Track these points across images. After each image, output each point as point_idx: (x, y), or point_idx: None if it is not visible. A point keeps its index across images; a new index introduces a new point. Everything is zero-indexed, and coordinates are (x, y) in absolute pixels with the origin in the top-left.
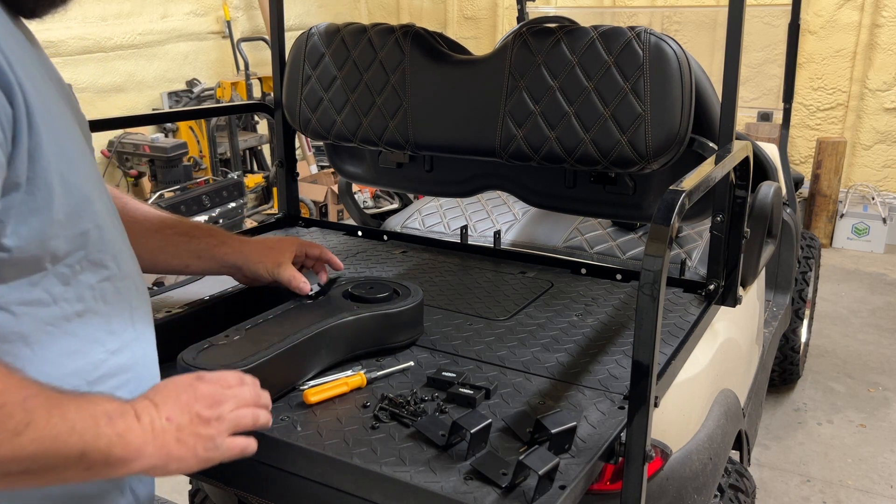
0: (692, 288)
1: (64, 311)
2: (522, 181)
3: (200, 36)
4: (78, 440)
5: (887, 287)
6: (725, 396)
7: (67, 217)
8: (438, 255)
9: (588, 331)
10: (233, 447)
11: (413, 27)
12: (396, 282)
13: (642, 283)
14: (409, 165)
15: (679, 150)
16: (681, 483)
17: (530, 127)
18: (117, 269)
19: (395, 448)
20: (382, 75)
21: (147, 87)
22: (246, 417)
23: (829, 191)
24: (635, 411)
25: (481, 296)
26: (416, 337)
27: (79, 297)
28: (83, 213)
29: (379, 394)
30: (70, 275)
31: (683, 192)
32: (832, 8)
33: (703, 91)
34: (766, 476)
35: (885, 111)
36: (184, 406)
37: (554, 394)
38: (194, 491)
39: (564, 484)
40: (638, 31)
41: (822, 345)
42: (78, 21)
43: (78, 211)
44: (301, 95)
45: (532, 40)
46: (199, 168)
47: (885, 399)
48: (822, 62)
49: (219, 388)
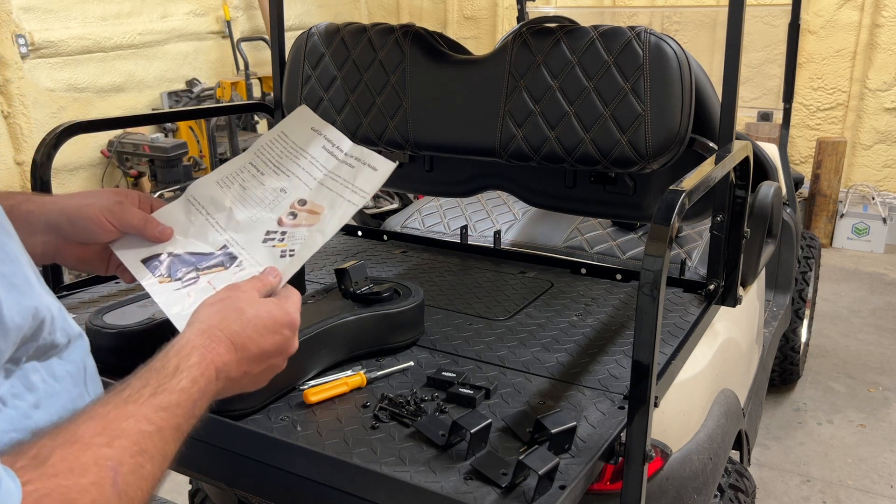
0: (692, 288)
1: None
2: (522, 181)
3: (200, 36)
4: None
5: (887, 287)
6: (725, 396)
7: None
8: (438, 255)
9: (588, 331)
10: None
11: (413, 27)
12: (397, 282)
13: (642, 283)
14: (409, 165)
15: (679, 150)
16: (681, 483)
17: (530, 127)
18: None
19: (395, 448)
20: (382, 75)
21: (147, 87)
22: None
23: (829, 191)
24: (635, 411)
25: (481, 296)
26: (416, 337)
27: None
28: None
29: (379, 394)
30: (13, 368)
31: (683, 192)
32: (832, 8)
33: (703, 91)
34: (766, 476)
35: (885, 111)
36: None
37: (554, 394)
38: (194, 491)
39: (564, 484)
40: (638, 30)
41: (823, 345)
42: (78, 21)
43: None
44: (301, 95)
45: (532, 40)
46: (199, 168)
47: (885, 399)
48: (822, 62)
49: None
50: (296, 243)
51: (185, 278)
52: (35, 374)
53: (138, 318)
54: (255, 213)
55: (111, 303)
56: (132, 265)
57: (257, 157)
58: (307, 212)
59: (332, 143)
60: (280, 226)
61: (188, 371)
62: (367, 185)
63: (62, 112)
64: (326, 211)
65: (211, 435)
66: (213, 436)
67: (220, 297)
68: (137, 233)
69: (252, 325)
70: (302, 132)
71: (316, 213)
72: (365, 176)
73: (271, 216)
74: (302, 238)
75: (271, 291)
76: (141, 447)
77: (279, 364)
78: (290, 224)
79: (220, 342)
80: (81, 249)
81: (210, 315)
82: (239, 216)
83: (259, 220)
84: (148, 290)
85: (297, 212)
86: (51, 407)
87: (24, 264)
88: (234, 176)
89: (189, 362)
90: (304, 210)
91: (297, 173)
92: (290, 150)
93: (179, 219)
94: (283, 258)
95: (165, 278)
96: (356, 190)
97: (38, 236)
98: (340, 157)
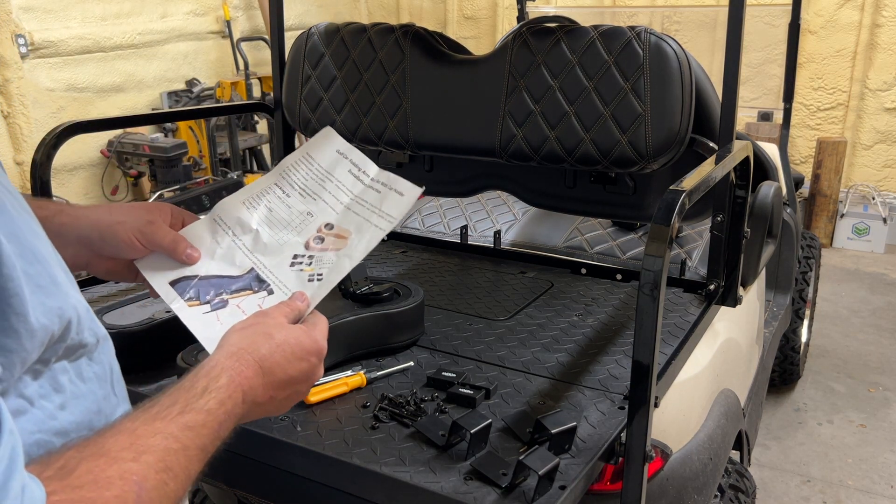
0: (692, 288)
1: (45, 411)
2: (522, 181)
3: (200, 36)
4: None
5: (888, 287)
6: (725, 396)
7: (46, 318)
8: (438, 255)
9: (588, 331)
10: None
11: (413, 27)
12: (397, 282)
13: (642, 283)
14: (409, 165)
15: (679, 149)
16: (681, 483)
17: (530, 127)
18: (95, 338)
19: (395, 448)
20: (382, 75)
21: (147, 87)
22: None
23: (829, 191)
24: (635, 411)
25: (481, 296)
26: (416, 337)
27: (56, 388)
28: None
29: (379, 394)
30: (42, 368)
31: (683, 192)
32: (832, 8)
33: (704, 91)
34: (766, 476)
35: (885, 111)
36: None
37: (554, 394)
38: (194, 491)
39: (564, 484)
40: (638, 30)
41: (823, 345)
42: (78, 21)
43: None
44: (301, 95)
45: (532, 40)
46: (198, 168)
47: (885, 399)
48: (822, 62)
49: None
50: (323, 268)
51: (213, 301)
52: (64, 374)
53: (138, 319)
54: (281, 236)
55: (111, 303)
56: (160, 287)
57: (283, 179)
58: (334, 236)
59: (357, 167)
60: (307, 249)
61: (216, 392)
62: (393, 210)
63: (62, 112)
64: (353, 235)
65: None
66: None
67: (250, 323)
68: (167, 253)
69: (280, 350)
70: (327, 155)
71: (343, 237)
72: (392, 201)
73: (298, 240)
74: (329, 263)
75: (299, 317)
76: (166, 464)
77: (303, 391)
78: (318, 248)
79: (248, 366)
80: (112, 263)
81: (240, 339)
82: (265, 239)
83: (286, 244)
84: (177, 314)
85: (325, 236)
86: (76, 408)
87: (53, 264)
88: (260, 197)
89: (218, 384)
90: (332, 234)
91: (323, 197)
92: (316, 174)
93: (206, 239)
94: (311, 282)
95: (194, 301)
96: (383, 215)
97: (69, 248)
98: (367, 182)
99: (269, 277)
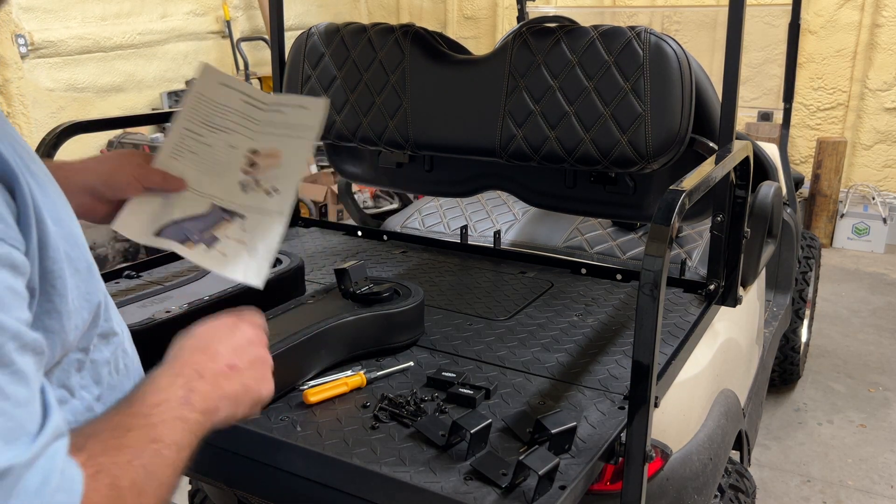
0: (692, 288)
1: (84, 402)
2: (522, 181)
3: (200, 36)
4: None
5: (888, 287)
6: (725, 396)
7: (80, 300)
8: (438, 255)
9: (588, 331)
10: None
11: (413, 27)
12: (397, 282)
13: (642, 283)
14: (408, 165)
15: (679, 149)
16: (681, 483)
17: (530, 127)
18: (121, 329)
19: (395, 448)
20: (382, 75)
21: (147, 87)
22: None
23: (829, 191)
24: (635, 411)
25: (481, 296)
26: (416, 337)
27: (97, 380)
28: (90, 287)
29: (379, 394)
30: (84, 359)
31: (683, 192)
32: (832, 8)
33: (704, 91)
34: (766, 476)
35: (885, 111)
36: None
37: (554, 394)
38: (194, 491)
39: (564, 484)
40: (638, 30)
41: (823, 345)
42: (77, 21)
43: (87, 288)
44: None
45: (532, 40)
46: None
47: (885, 399)
48: (822, 62)
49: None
50: (276, 182)
51: (205, 239)
52: (105, 367)
53: (138, 319)
54: (218, 170)
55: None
56: (150, 241)
57: (190, 122)
58: (265, 156)
59: (248, 96)
60: (248, 175)
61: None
62: (308, 121)
63: (62, 112)
64: (284, 151)
65: (211, 435)
66: (212, 436)
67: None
68: (160, 188)
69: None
70: (215, 90)
71: (274, 156)
72: (300, 115)
73: (235, 170)
74: (278, 176)
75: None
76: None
77: (262, 355)
78: (258, 171)
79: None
80: (111, 206)
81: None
82: (207, 179)
83: (227, 177)
84: (186, 257)
85: (255, 160)
86: (109, 400)
87: (87, 249)
88: (181, 145)
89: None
90: (261, 157)
91: (233, 128)
92: (215, 109)
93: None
94: (271, 196)
95: (189, 244)
96: (300, 128)
97: (74, 198)
98: (266, 109)
99: (231, 206)
